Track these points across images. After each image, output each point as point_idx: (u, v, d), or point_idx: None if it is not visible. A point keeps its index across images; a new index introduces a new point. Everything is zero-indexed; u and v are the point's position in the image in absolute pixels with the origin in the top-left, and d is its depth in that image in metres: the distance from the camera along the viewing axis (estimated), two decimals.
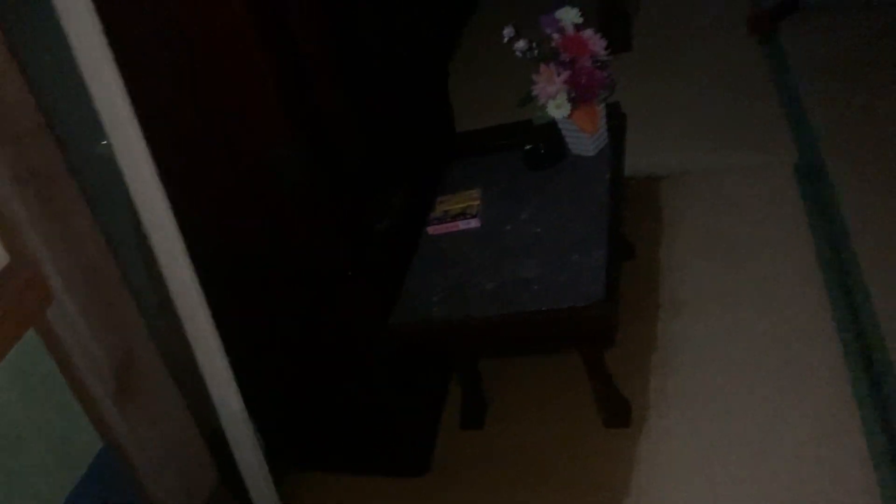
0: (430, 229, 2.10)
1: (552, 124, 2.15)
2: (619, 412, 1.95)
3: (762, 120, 2.87)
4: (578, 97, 2.02)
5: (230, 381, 1.70)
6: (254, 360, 1.87)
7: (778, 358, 1.99)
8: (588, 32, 2.00)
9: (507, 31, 1.99)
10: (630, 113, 2.39)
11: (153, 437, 1.49)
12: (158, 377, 1.56)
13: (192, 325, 1.61)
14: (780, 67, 3.15)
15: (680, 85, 3.22)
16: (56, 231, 1.28)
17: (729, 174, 2.66)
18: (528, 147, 2.25)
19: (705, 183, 2.67)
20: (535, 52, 1.99)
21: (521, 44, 1.99)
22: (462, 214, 2.09)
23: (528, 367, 2.17)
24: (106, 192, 1.50)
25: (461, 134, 2.54)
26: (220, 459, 1.81)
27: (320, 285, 1.78)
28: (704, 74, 3.23)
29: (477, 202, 2.13)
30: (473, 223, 2.07)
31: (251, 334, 1.86)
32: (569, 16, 1.99)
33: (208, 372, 1.68)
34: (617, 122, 2.24)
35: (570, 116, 2.04)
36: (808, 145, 2.68)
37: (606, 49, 2.01)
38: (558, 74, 1.99)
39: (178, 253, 1.54)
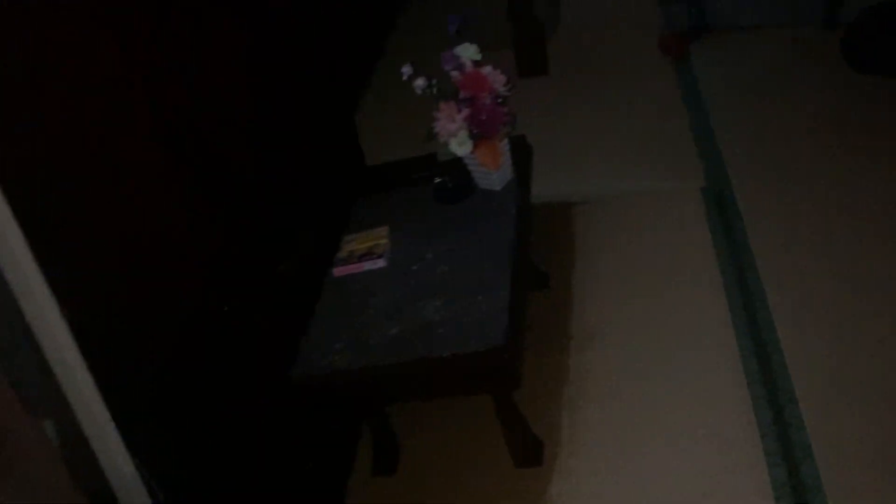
0: (336, 271, 2.05)
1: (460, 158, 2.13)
2: (530, 452, 1.93)
3: (673, 144, 2.91)
4: (480, 134, 2.00)
5: (119, 445, 1.62)
6: (148, 419, 1.79)
7: (685, 388, 2.00)
8: (487, 69, 1.99)
9: (406, 70, 1.96)
10: (544, 137, 2.39)
11: None
12: (37, 450, 1.47)
13: (71, 388, 1.53)
14: (691, 90, 3.21)
15: (595, 108, 3.25)
16: None
17: (640, 200, 2.69)
18: (436, 181, 2.23)
19: (617, 209, 2.69)
20: (434, 89, 1.97)
21: (419, 82, 1.97)
22: (368, 254, 2.05)
23: (442, 408, 2.13)
24: None
25: (371, 168, 2.51)
26: None
27: (212, 336, 1.72)
28: (618, 98, 3.27)
29: (384, 241, 2.09)
30: (380, 263, 2.03)
31: (142, 392, 1.78)
32: (467, 52, 1.98)
33: (94, 437, 1.59)
34: (523, 155, 2.23)
35: (472, 153, 2.02)
36: (716, 170, 2.73)
37: (506, 85, 2.00)
38: (458, 112, 1.97)
39: (52, 314, 1.46)
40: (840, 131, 2.77)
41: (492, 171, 2.07)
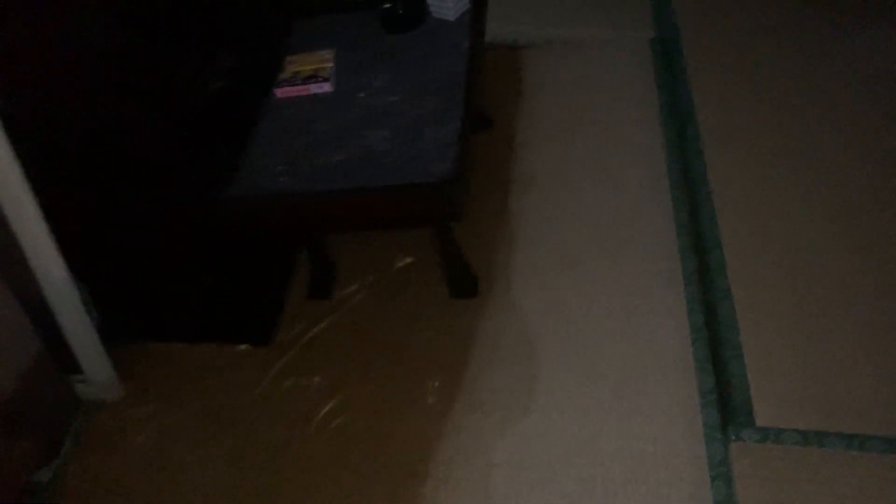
0: (279, 91, 1.97)
1: None
2: (466, 284, 1.99)
3: None
4: None
5: (51, 250, 1.58)
6: (85, 233, 1.74)
7: (615, 233, 2.07)
8: None
9: None
10: None
11: None
12: None
13: (5, 192, 1.46)
14: None
15: None
16: None
17: (588, 46, 2.66)
18: (385, 6, 2.13)
19: (565, 54, 2.65)
20: None
21: None
22: (313, 77, 1.97)
23: (380, 237, 2.15)
24: None
25: None
26: (50, 329, 1.71)
27: (140, 158, 1.65)
28: None
29: (330, 64, 2.00)
30: (326, 87, 1.95)
31: (80, 211, 1.72)
32: None
33: (27, 241, 1.55)
34: None
35: None
36: (666, 21, 2.70)
37: None
38: None
39: None
40: None
41: None
